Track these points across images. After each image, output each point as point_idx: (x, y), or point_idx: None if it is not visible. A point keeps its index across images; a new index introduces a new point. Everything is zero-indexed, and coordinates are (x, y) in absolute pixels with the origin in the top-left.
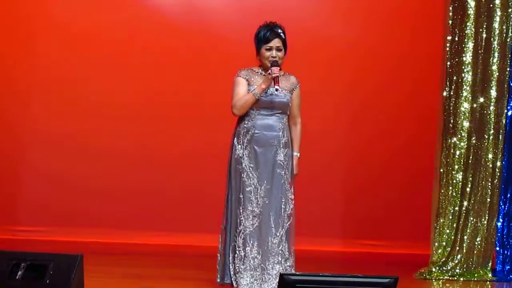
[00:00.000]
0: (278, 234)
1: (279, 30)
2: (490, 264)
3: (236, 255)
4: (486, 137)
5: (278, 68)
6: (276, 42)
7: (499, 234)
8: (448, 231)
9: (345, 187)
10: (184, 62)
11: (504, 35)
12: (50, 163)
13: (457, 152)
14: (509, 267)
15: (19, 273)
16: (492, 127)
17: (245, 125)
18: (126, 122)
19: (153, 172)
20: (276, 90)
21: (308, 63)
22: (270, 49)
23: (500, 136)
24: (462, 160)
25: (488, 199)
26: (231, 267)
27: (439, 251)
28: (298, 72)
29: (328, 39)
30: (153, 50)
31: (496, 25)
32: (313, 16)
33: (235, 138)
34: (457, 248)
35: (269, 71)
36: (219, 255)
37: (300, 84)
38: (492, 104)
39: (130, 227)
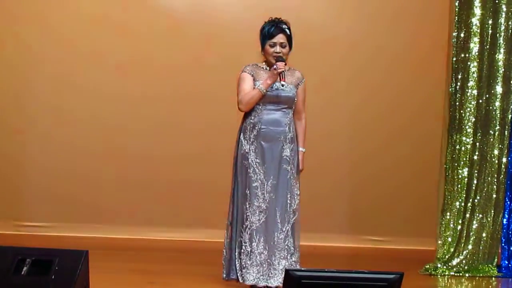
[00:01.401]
0: (284, 229)
1: (284, 26)
2: (495, 260)
3: (242, 250)
4: (492, 133)
5: (284, 63)
6: (280, 38)
7: (504, 230)
8: (453, 227)
9: (351, 183)
10: (189, 58)
11: (510, 30)
12: (55, 159)
13: (463, 148)
14: None
15: (24, 268)
16: (498, 123)
17: (251, 121)
18: (131, 117)
19: (159, 167)
20: (282, 85)
21: (316, 60)
22: (274, 45)
23: (506, 132)
24: (467, 156)
25: (494, 195)
26: (237, 262)
27: (445, 247)
28: (306, 68)
29: (334, 36)
30: (157, 46)
31: (501, 20)
32: (320, 14)
33: (241, 134)
34: (463, 244)
35: (274, 66)
36: (224, 250)
37: (306, 79)
38: (497, 100)
39: (136, 223)
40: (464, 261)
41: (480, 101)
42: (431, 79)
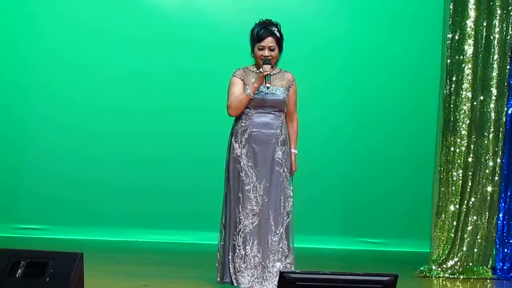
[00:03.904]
0: (278, 232)
1: (273, 28)
2: (490, 262)
3: (236, 254)
4: (486, 135)
5: (270, 65)
6: (269, 42)
7: (499, 232)
8: (448, 229)
9: (345, 185)
10: (182, 62)
11: (504, 33)
12: (50, 162)
13: (457, 150)
14: (509, 265)
15: (19, 271)
16: (492, 125)
17: (242, 124)
18: (126, 121)
19: (153, 170)
20: (267, 88)
21: (309, 62)
22: (262, 48)
23: (500, 134)
24: (462, 158)
25: (488, 197)
26: (230, 266)
27: (439, 249)
28: (300, 70)
29: (329, 38)
30: (151, 49)
31: (496, 22)
32: (314, 16)
33: (233, 137)
34: (457, 246)
35: (261, 69)
36: (218, 254)
37: (296, 81)
38: (492, 102)
39: (130, 226)
40: (458, 263)
41: (475, 103)
42: (426, 81)
